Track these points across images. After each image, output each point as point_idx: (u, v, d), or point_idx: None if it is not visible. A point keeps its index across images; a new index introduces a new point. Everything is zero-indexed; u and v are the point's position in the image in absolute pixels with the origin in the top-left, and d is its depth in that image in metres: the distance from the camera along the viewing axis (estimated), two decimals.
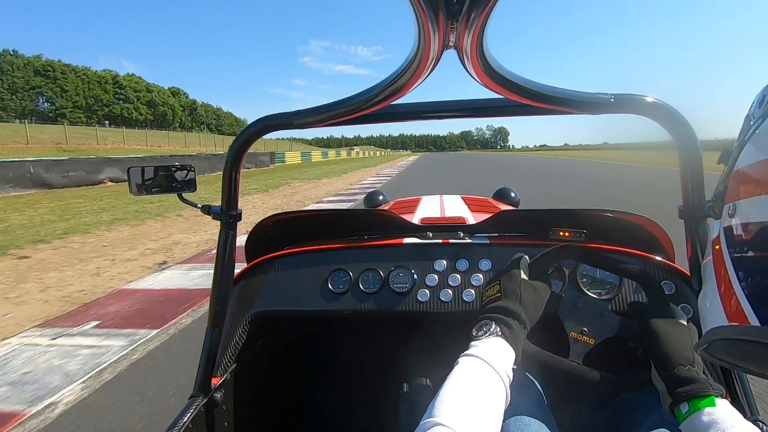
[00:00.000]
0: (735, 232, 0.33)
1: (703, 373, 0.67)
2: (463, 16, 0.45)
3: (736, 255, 0.32)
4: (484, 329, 0.70)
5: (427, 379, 1.13)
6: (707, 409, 0.61)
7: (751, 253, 0.31)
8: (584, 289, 1.00)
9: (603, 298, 0.98)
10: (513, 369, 0.67)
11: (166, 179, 0.91)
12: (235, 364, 1.04)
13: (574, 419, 0.93)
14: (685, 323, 0.75)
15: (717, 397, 0.63)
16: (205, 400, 0.89)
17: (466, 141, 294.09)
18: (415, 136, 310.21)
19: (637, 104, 0.73)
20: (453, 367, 0.64)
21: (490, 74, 0.60)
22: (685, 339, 0.72)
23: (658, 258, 0.99)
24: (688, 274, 0.89)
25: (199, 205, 0.89)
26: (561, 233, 1.08)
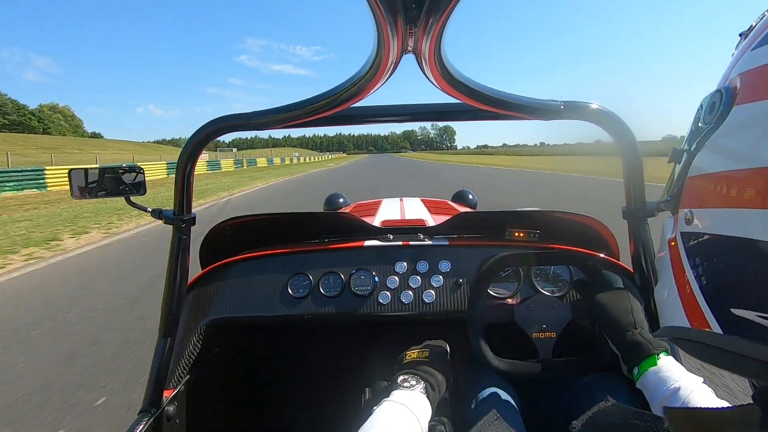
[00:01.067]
0: (693, 240, 0.34)
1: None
2: (422, 21, 0.45)
3: (696, 262, 0.33)
4: (411, 383, 0.75)
5: (389, 382, 1.13)
6: (652, 369, 0.68)
7: (709, 263, 0.32)
8: (538, 287, 1.05)
9: (556, 295, 1.02)
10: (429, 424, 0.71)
11: (113, 182, 0.86)
12: (189, 375, 0.99)
13: (539, 409, 0.97)
14: (622, 287, 0.85)
15: (661, 354, 0.70)
16: (156, 414, 0.84)
17: (410, 141, 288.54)
18: (353, 136, 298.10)
19: (583, 111, 0.78)
20: (373, 410, 0.69)
21: (448, 79, 0.61)
22: (625, 303, 0.80)
23: (603, 255, 1.06)
24: (631, 270, 0.95)
25: (149, 209, 0.85)
26: (516, 234, 1.12)
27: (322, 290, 1.05)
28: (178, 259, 0.85)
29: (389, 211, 1.77)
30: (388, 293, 1.04)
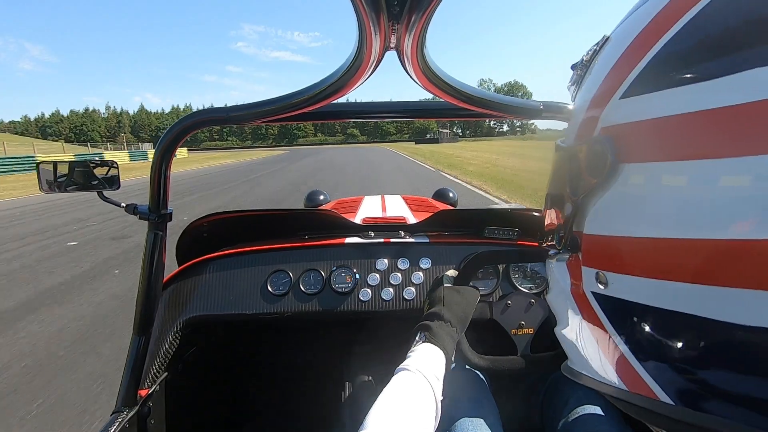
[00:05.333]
0: (615, 305, 0.31)
1: None
2: (404, 18, 0.45)
3: (624, 329, 0.31)
4: (415, 339, 0.73)
5: (370, 377, 1.13)
6: None
7: (644, 333, 0.29)
8: (516, 285, 1.06)
9: (534, 291, 1.05)
10: (449, 366, 0.69)
11: (84, 176, 0.83)
12: (165, 374, 0.97)
13: (515, 404, 0.99)
14: None
15: None
16: (131, 415, 0.82)
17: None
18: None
19: (563, 111, 0.79)
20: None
21: (430, 77, 0.61)
22: None
23: None
24: None
25: (123, 204, 0.82)
26: (495, 231, 1.13)
27: (302, 287, 1.04)
28: (154, 256, 0.83)
29: (370, 208, 1.77)
30: (369, 290, 1.05)
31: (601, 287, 0.32)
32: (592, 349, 0.35)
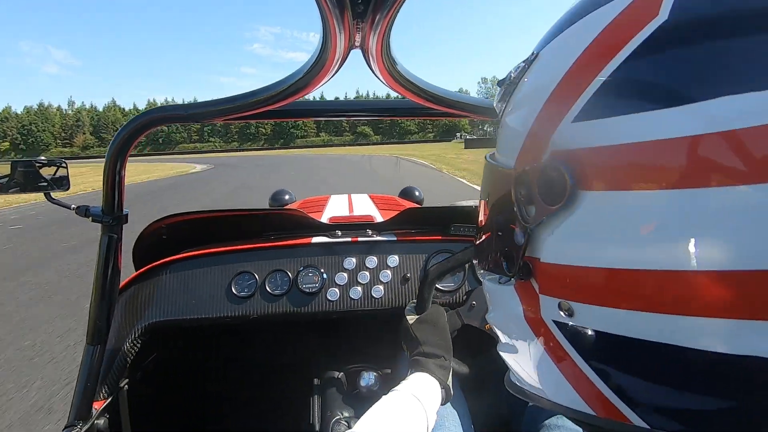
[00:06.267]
0: (584, 336, 0.30)
1: None
2: (369, 17, 0.45)
3: (595, 361, 0.30)
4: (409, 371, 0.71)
5: (340, 377, 1.13)
6: None
7: (616, 362, 0.29)
8: (482, 278, 1.09)
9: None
10: (449, 397, 0.69)
11: (28, 176, 0.78)
12: (122, 384, 0.93)
13: (483, 396, 1.01)
14: None
15: None
16: (85, 428, 0.78)
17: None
18: None
19: None
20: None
21: (394, 76, 0.62)
22: None
23: None
24: None
25: (73, 206, 0.78)
26: (461, 228, 1.15)
27: (268, 289, 1.02)
28: (109, 260, 0.79)
29: (337, 207, 1.75)
30: (337, 290, 1.04)
31: (565, 316, 0.31)
32: (550, 374, 0.34)
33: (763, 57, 0.22)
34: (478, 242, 0.44)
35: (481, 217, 0.42)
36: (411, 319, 0.82)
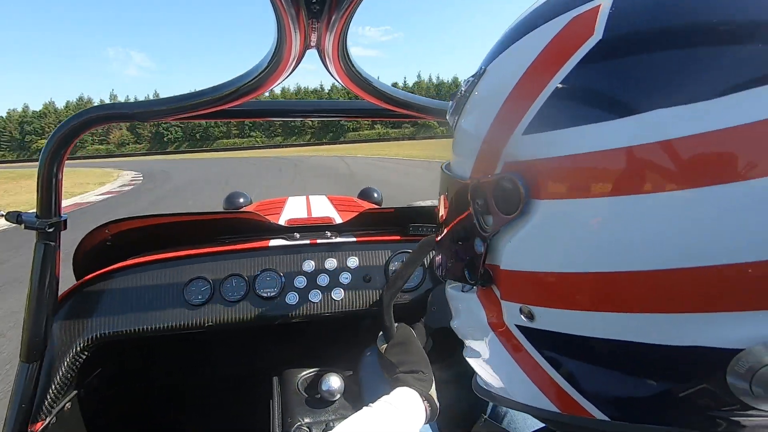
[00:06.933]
0: (545, 338, 0.32)
1: None
2: (324, 17, 0.45)
3: (556, 361, 0.32)
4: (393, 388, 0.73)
5: (300, 378, 1.11)
6: None
7: (577, 360, 0.31)
8: (441, 279, 1.11)
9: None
10: (434, 412, 0.72)
11: None
12: (63, 403, 0.86)
13: (445, 390, 1.03)
14: None
15: None
16: None
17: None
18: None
19: None
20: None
21: (351, 76, 0.62)
22: None
23: None
24: None
25: (2, 212, 0.71)
26: (419, 228, 1.17)
27: (223, 294, 0.98)
28: (46, 270, 0.73)
29: (295, 209, 1.72)
30: (296, 293, 1.02)
31: (526, 320, 0.32)
32: (515, 376, 0.35)
33: (689, 70, 0.24)
34: (438, 252, 0.45)
35: (441, 229, 0.43)
36: (383, 348, 0.86)
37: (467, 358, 0.43)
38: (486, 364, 0.40)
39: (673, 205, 0.24)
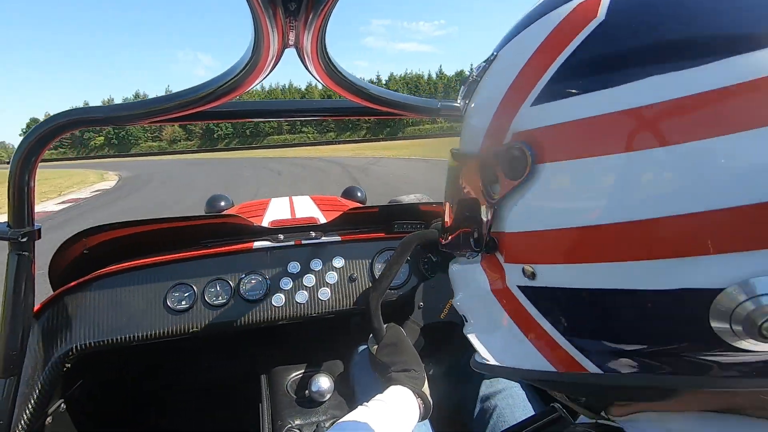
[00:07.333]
0: (544, 295, 0.34)
1: None
2: (302, 15, 0.44)
3: (554, 317, 0.34)
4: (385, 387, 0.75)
5: (289, 380, 1.10)
6: None
7: (572, 314, 0.33)
8: (426, 275, 1.12)
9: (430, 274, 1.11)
10: (428, 409, 0.73)
11: None
12: (45, 418, 0.83)
13: (433, 385, 1.04)
14: None
15: None
16: None
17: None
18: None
19: (459, 110, 0.84)
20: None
21: (331, 75, 0.61)
22: None
23: None
24: None
25: None
26: (404, 226, 1.18)
27: (208, 299, 0.97)
28: (21, 281, 0.71)
29: (278, 210, 1.71)
30: (282, 295, 1.01)
31: (529, 280, 0.35)
32: (514, 342, 0.37)
33: (680, 42, 0.28)
34: (446, 227, 0.47)
35: (447, 212, 0.46)
36: (374, 349, 0.87)
37: (467, 335, 0.45)
38: (486, 335, 0.42)
39: (659, 159, 0.27)
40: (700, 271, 0.26)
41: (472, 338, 0.44)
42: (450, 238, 0.45)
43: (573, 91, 0.31)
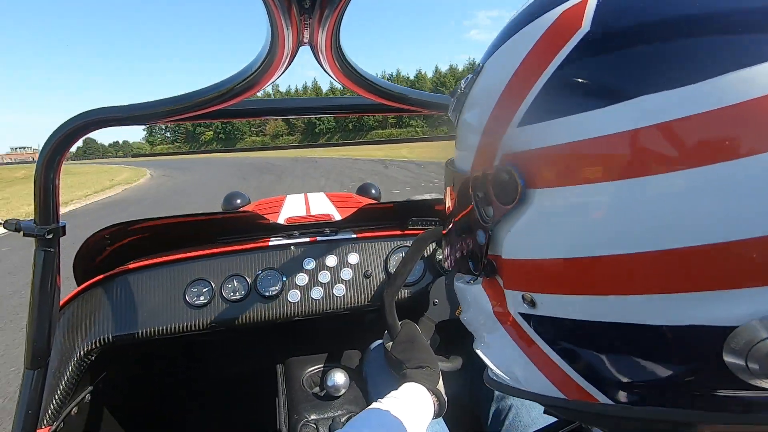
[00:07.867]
0: (547, 324, 0.32)
1: None
2: (316, 13, 0.45)
3: (559, 347, 0.32)
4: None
5: (305, 375, 1.11)
6: None
7: (578, 345, 0.31)
8: (441, 272, 1.11)
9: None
10: (443, 406, 0.74)
11: None
12: (70, 408, 0.86)
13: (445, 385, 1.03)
14: None
15: None
16: None
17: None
18: None
19: None
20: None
21: (346, 72, 0.61)
22: None
23: None
24: None
25: (1, 221, 0.71)
26: (419, 222, 1.17)
27: (225, 295, 0.98)
28: (47, 277, 0.73)
29: (294, 207, 1.72)
30: (298, 291, 1.02)
31: (529, 308, 0.33)
32: (522, 365, 0.36)
33: (673, 58, 0.25)
34: (445, 245, 0.46)
35: (448, 222, 0.44)
36: (389, 346, 0.87)
37: (477, 351, 0.43)
38: (494, 355, 0.40)
39: (663, 186, 0.24)
40: (715, 307, 0.24)
41: (482, 355, 0.43)
42: (449, 260, 0.44)
43: (557, 112, 0.29)
